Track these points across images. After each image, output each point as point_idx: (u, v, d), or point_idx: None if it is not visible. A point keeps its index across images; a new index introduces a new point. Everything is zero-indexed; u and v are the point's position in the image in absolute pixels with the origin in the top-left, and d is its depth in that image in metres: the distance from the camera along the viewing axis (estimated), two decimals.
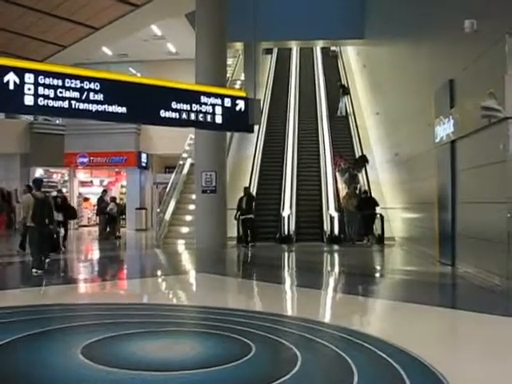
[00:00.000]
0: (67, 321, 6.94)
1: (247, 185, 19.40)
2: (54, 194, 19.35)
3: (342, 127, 25.94)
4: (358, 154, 22.89)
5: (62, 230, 17.37)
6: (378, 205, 19.16)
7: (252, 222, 18.37)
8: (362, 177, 21.27)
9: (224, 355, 5.35)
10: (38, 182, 12.77)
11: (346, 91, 27.89)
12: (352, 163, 21.05)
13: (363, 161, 21.28)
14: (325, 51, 33.52)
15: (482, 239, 10.36)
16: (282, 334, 6.24)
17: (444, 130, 12.33)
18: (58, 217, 16.80)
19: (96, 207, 23.22)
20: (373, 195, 19.60)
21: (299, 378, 4.61)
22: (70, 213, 18.84)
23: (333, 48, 33.35)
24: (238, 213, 18.45)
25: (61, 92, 8.87)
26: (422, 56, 15.32)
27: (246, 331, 6.17)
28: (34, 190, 12.59)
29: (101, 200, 22.95)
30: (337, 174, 21.22)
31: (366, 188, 20.50)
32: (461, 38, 11.28)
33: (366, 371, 4.74)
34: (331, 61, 33.35)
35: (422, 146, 14.67)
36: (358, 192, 20.04)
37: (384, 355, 5.20)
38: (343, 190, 20.61)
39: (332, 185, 20.97)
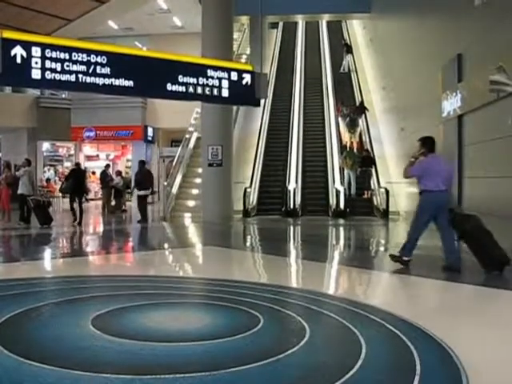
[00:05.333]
0: (76, 292, 7.00)
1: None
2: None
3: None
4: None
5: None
6: (374, 163, 20.50)
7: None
8: (362, 122, 22.73)
9: (232, 327, 5.40)
10: None
11: (349, 50, 29.00)
12: (353, 109, 22.65)
13: (362, 107, 22.94)
14: None
15: (489, 214, 10.39)
16: (289, 306, 6.29)
17: (451, 104, 12.31)
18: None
19: (100, 181, 23.58)
20: (371, 155, 21.09)
21: (308, 350, 4.66)
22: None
23: None
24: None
25: (68, 66, 8.85)
26: (430, 30, 15.23)
27: (253, 303, 6.22)
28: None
29: (104, 174, 23.11)
30: (339, 119, 22.81)
31: (368, 140, 22.09)
32: (470, 11, 11.22)
33: (373, 343, 4.78)
34: (335, 24, 33.35)
35: (429, 121, 14.65)
36: (358, 140, 22.10)
37: (392, 327, 5.25)
38: (345, 134, 22.28)
39: (338, 158, 21.07)
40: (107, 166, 24.24)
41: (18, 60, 8.41)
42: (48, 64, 8.68)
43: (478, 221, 8.46)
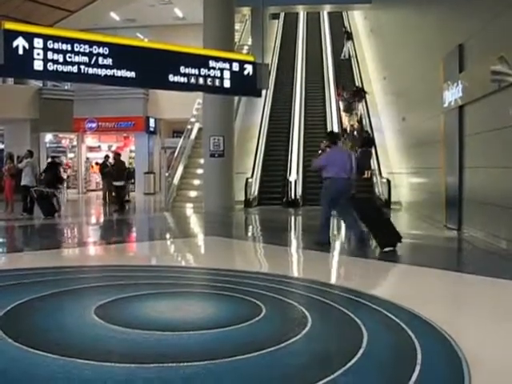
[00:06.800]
0: (79, 282, 7.06)
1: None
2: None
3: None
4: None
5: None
6: (373, 144, 20.80)
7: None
8: (362, 106, 23.29)
9: (235, 316, 5.45)
10: None
11: (349, 37, 29.37)
12: (352, 94, 23.46)
13: (361, 91, 23.62)
14: None
15: (490, 204, 10.42)
16: (291, 295, 6.34)
17: (452, 94, 12.30)
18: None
19: (99, 172, 23.78)
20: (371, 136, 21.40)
21: (310, 338, 4.71)
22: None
23: None
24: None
25: (70, 57, 8.87)
26: (431, 20, 15.20)
27: (255, 293, 6.26)
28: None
29: (104, 165, 23.16)
30: (340, 103, 23.69)
31: (368, 128, 22.26)
32: (471, 1, 11.20)
33: (375, 332, 4.82)
34: (336, 13, 33.38)
35: (430, 111, 14.64)
36: (357, 123, 22.64)
37: (393, 316, 5.29)
38: (344, 117, 23.31)
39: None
40: (106, 156, 24.27)
41: (20, 51, 8.43)
42: (50, 55, 8.70)
43: (375, 203, 9.53)
